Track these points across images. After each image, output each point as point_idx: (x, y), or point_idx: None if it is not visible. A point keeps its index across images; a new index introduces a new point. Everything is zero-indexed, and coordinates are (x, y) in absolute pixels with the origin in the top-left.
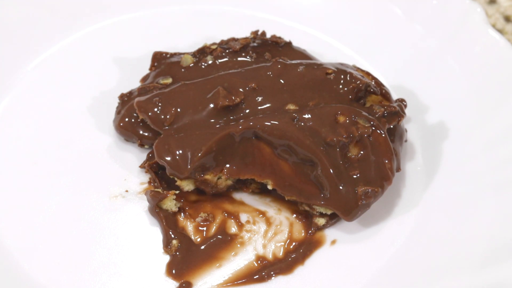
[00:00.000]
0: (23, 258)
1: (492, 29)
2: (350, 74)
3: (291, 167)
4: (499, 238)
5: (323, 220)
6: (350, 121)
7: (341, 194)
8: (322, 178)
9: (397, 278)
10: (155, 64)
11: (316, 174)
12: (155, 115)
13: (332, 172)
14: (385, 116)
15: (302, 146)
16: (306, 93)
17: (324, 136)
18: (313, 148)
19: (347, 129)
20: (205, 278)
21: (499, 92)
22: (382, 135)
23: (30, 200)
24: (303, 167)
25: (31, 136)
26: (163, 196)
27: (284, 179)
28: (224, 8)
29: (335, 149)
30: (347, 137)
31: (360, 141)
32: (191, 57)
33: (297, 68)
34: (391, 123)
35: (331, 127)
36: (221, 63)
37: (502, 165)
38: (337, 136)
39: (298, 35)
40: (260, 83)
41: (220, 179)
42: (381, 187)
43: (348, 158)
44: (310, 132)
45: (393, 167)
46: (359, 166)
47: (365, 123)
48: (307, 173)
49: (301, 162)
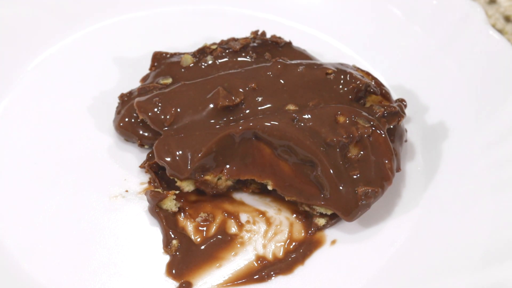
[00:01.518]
0: (23, 258)
1: (492, 29)
2: (350, 74)
3: (291, 168)
4: (499, 237)
5: (323, 220)
6: (350, 121)
7: (341, 194)
8: (322, 179)
9: (397, 278)
10: (155, 64)
11: (316, 174)
12: (155, 115)
13: (332, 172)
14: (385, 116)
15: (302, 147)
16: (306, 93)
17: (324, 136)
18: (313, 148)
19: (347, 129)
20: (205, 278)
21: (499, 92)
22: (382, 135)
23: (30, 200)
24: (303, 167)
25: (31, 136)
26: (163, 196)
27: (284, 179)
28: (224, 8)
29: (335, 150)
30: (347, 137)
31: (360, 141)
32: (191, 57)
33: (297, 68)
34: (391, 123)
35: (331, 128)
36: (221, 63)
37: (502, 165)
38: (337, 136)
39: (298, 35)
40: (260, 83)
41: (220, 179)
42: (381, 187)
43: (348, 158)
44: (310, 132)
45: (393, 167)
46: (359, 166)
47: (365, 123)
48: (307, 173)
49: (301, 163)
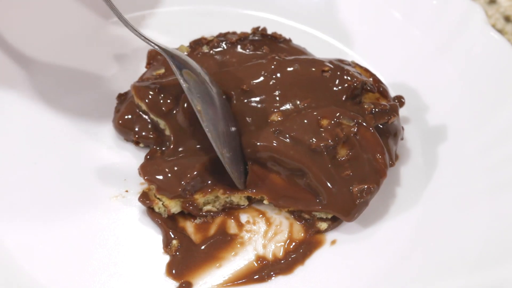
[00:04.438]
0: (23, 258)
1: (492, 29)
2: (346, 72)
3: (283, 179)
4: (499, 238)
5: (325, 224)
6: (333, 123)
7: (337, 196)
8: (315, 185)
9: (396, 278)
10: (151, 62)
11: (308, 182)
12: (152, 101)
13: (323, 177)
14: (373, 113)
15: (287, 157)
16: (299, 92)
17: (308, 144)
18: (298, 157)
19: (331, 131)
20: (205, 278)
21: (499, 92)
22: (369, 131)
23: (30, 200)
24: (295, 177)
25: (31, 136)
26: (150, 204)
27: (278, 192)
28: (224, 9)
29: (322, 154)
30: (332, 140)
31: (347, 141)
32: (186, 47)
33: (293, 66)
34: (380, 121)
35: (315, 133)
36: (217, 53)
37: (502, 165)
38: (322, 141)
39: (298, 35)
40: (253, 83)
41: (208, 203)
42: (376, 183)
43: (338, 160)
44: (293, 142)
45: (385, 161)
46: (351, 166)
47: (349, 122)
48: (299, 182)
49: (291, 173)
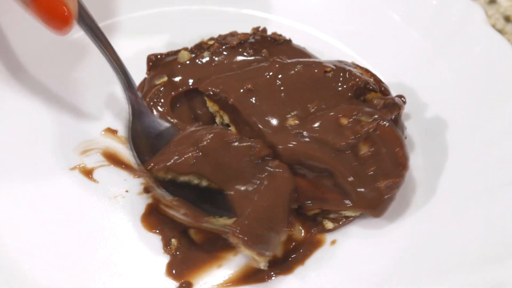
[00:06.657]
0: (23, 258)
1: (492, 29)
2: (349, 72)
3: (310, 182)
4: (499, 238)
5: (331, 224)
6: (353, 120)
7: (364, 194)
8: (342, 184)
9: (396, 278)
10: (150, 67)
11: (336, 182)
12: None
13: (351, 176)
14: (386, 107)
15: (314, 159)
16: (304, 94)
17: (332, 143)
18: (325, 159)
19: (352, 129)
20: (205, 278)
21: (499, 92)
22: (387, 126)
23: (30, 200)
24: (321, 178)
25: (31, 136)
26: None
27: (306, 194)
28: (224, 9)
29: (346, 153)
30: (354, 138)
31: (368, 137)
32: (188, 53)
33: (295, 68)
34: (393, 113)
35: (337, 133)
36: (218, 60)
37: (501, 165)
38: (345, 140)
39: (298, 35)
40: (257, 86)
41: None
42: (400, 176)
43: (361, 157)
44: (317, 143)
45: (406, 153)
46: (374, 162)
47: (368, 118)
48: (326, 183)
49: (318, 175)
